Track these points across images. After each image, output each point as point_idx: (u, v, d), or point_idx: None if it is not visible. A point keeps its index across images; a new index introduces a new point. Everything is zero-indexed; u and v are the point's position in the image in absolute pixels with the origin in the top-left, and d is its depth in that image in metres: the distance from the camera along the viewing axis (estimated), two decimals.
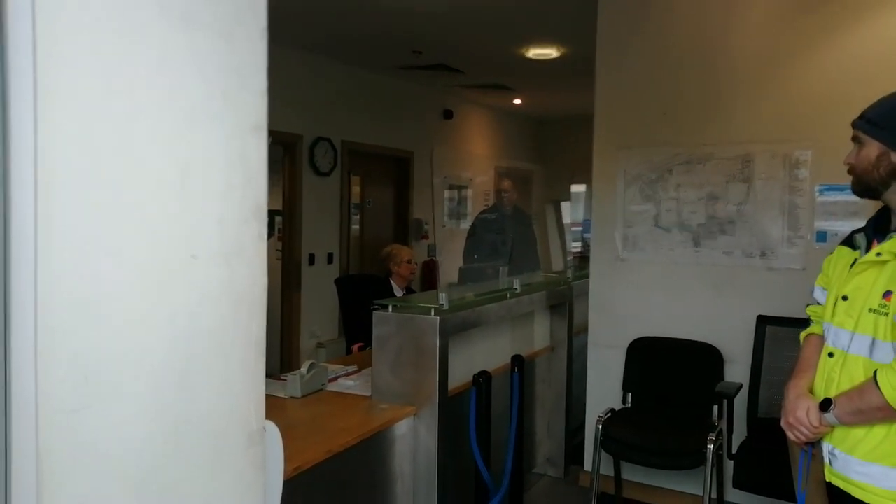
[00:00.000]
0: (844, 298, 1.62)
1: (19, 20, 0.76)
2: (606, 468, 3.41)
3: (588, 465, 3.59)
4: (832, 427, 1.59)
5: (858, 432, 1.54)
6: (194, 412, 1.01)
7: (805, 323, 1.88)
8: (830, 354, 1.64)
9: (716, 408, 3.15)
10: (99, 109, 0.84)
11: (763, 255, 3.26)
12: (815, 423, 1.59)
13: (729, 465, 3.04)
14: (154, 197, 0.91)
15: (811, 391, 1.68)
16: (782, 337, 3.12)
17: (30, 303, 0.78)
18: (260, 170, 1.07)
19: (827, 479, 1.63)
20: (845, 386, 1.57)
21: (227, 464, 1.09)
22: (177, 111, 0.93)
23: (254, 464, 1.15)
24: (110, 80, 0.85)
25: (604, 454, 3.20)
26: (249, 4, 1.03)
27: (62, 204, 0.80)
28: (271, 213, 5.91)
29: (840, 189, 3.07)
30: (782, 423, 1.69)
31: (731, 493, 3.14)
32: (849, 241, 1.74)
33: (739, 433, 3.08)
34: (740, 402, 3.11)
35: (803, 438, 1.64)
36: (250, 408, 1.13)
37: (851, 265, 1.65)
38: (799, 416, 1.62)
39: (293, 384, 2.67)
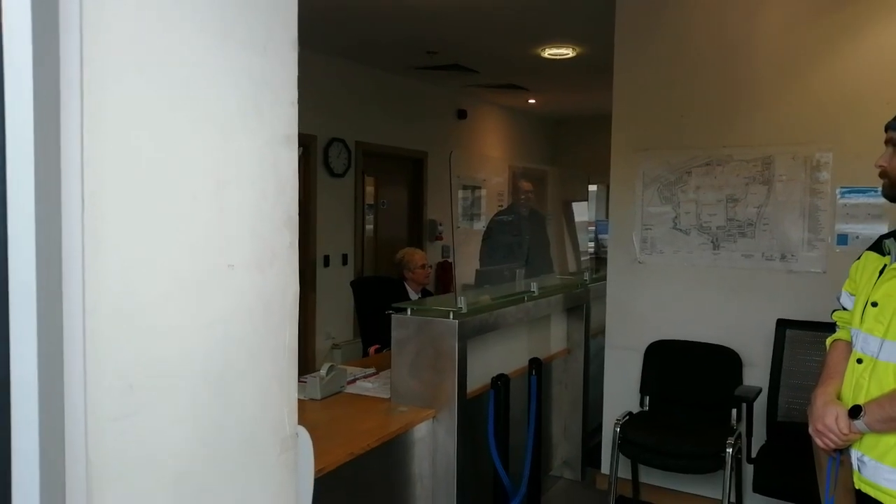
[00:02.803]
0: (874, 304, 1.60)
1: (68, 39, 0.78)
2: (624, 471, 3.40)
3: (605, 468, 3.59)
4: (861, 434, 1.58)
5: (889, 439, 1.53)
6: (230, 418, 1.03)
7: (826, 326, 1.87)
8: (859, 361, 1.62)
9: (735, 411, 3.14)
10: (141, 126, 0.86)
11: (783, 257, 3.24)
12: (845, 431, 1.58)
13: (748, 470, 3.03)
14: (192, 209, 0.93)
15: (839, 397, 1.67)
16: (802, 341, 3.10)
17: (78, 315, 0.80)
18: (291, 180, 1.09)
19: (856, 487, 1.62)
20: (874, 393, 1.56)
21: (261, 468, 1.10)
22: (214, 125, 0.95)
23: (287, 468, 1.16)
24: (153, 98, 0.87)
25: (621, 457, 3.20)
26: (281, 18, 1.05)
27: (107, 219, 0.82)
28: None
29: (862, 191, 3.04)
30: (810, 430, 1.68)
31: (751, 498, 3.12)
32: (877, 247, 1.72)
33: (759, 437, 3.06)
34: (760, 405, 3.09)
35: (832, 445, 1.62)
36: (283, 413, 1.14)
37: (881, 271, 1.64)
38: (828, 423, 1.60)
39: (313, 386, 2.68)
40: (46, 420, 0.73)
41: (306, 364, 5.45)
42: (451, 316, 2.68)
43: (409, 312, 2.76)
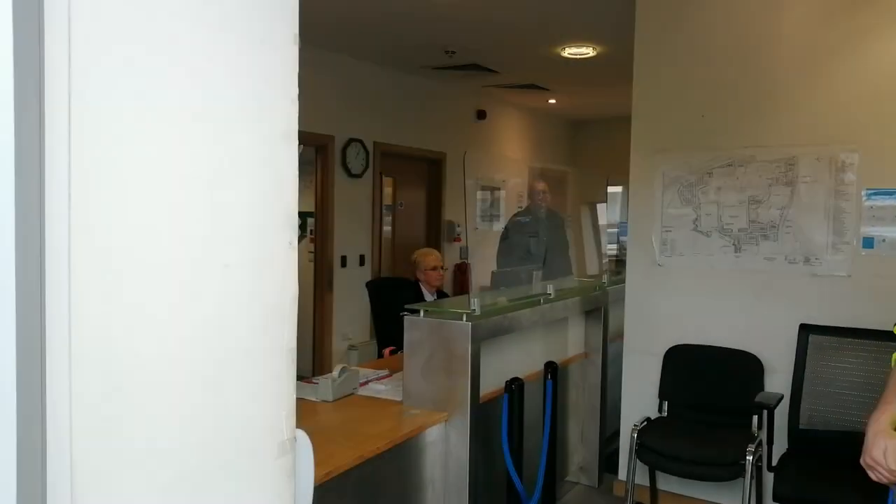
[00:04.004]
0: None
1: (55, 30, 0.76)
2: (641, 478, 3.34)
3: (623, 475, 3.53)
4: None
5: None
6: (224, 421, 1.00)
7: (852, 332, 1.79)
8: None
9: (755, 418, 3.06)
10: (131, 120, 0.83)
11: (807, 261, 3.16)
12: (893, 467, 1.41)
13: (769, 478, 2.95)
14: (184, 206, 0.91)
15: (895, 427, 1.49)
16: (826, 346, 3.02)
17: (64, 313, 0.78)
18: (290, 178, 1.06)
19: None
20: None
21: (257, 473, 1.08)
22: (208, 120, 0.93)
23: (284, 473, 1.14)
24: (144, 90, 0.84)
25: (639, 463, 3.14)
26: (281, 12, 1.02)
27: (95, 213, 0.80)
28: (304, 215, 5.95)
29: (889, 193, 2.95)
30: (861, 461, 1.54)
31: None
32: None
33: (780, 445, 2.99)
34: (781, 412, 3.02)
35: (884, 480, 1.46)
36: (281, 417, 1.12)
37: None
38: (875, 457, 1.43)
39: (325, 388, 2.67)
40: (25, 420, 0.71)
41: (322, 365, 5.45)
42: (464, 318, 2.65)
43: (421, 314, 2.73)
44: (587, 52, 5.36)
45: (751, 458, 2.84)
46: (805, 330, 3.08)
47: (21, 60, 0.71)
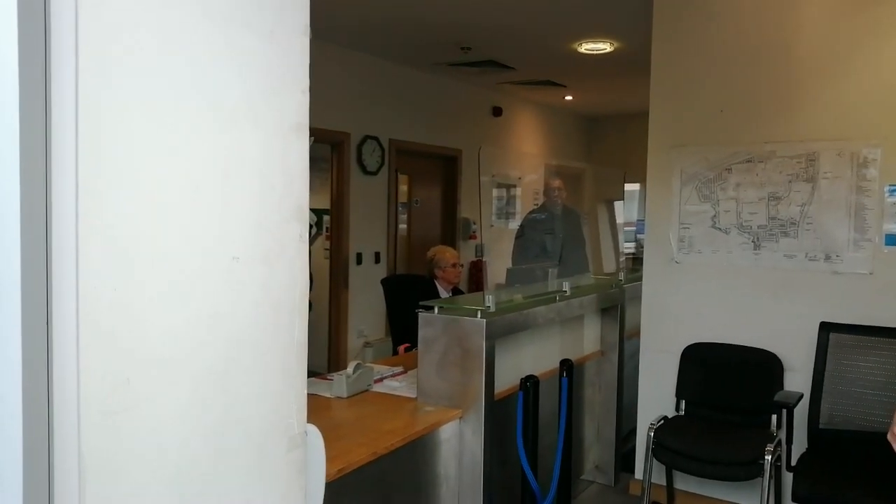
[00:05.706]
0: None
1: (62, 21, 0.76)
2: (658, 477, 3.31)
3: (639, 474, 3.50)
4: None
5: None
6: (234, 415, 1.00)
7: (873, 330, 1.76)
8: None
9: (774, 417, 3.02)
10: (139, 113, 0.83)
11: (827, 258, 3.10)
12: None
13: (787, 478, 2.90)
14: (194, 199, 0.90)
15: None
16: (847, 345, 2.97)
17: (71, 306, 0.78)
18: (301, 170, 1.06)
19: None
20: None
21: (268, 467, 1.08)
22: (217, 113, 0.92)
23: (294, 467, 1.13)
24: (152, 84, 0.84)
25: (656, 463, 3.11)
26: (291, 2, 1.01)
27: (102, 207, 0.80)
28: (320, 212, 5.96)
29: None
30: (888, 435, 1.56)
31: None
32: None
33: (799, 445, 2.94)
34: (801, 412, 2.97)
35: None
36: (291, 411, 1.11)
37: None
38: None
39: (339, 384, 2.67)
40: (31, 411, 0.70)
41: (338, 361, 5.46)
42: (479, 315, 2.63)
43: (436, 311, 2.72)
44: (604, 47, 5.31)
45: (769, 457, 2.80)
46: (825, 328, 3.03)
47: (26, 53, 0.71)
